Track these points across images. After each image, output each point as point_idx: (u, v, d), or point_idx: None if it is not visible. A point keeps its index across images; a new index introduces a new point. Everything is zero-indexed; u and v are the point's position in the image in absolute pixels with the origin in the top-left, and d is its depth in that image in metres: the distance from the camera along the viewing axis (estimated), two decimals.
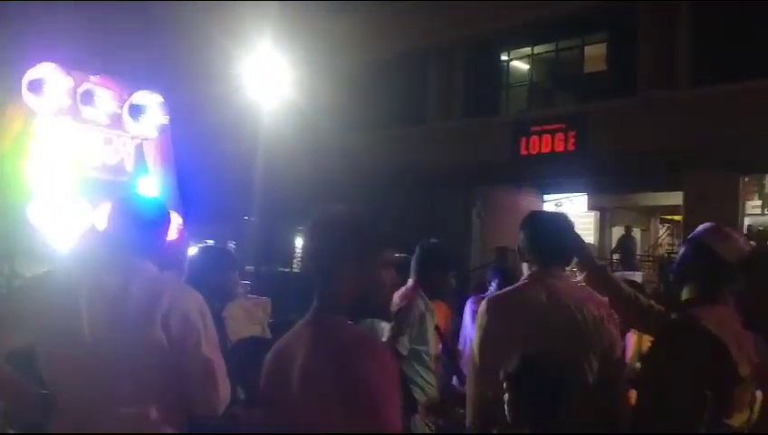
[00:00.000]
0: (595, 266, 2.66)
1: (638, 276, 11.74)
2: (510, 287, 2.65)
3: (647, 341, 3.04)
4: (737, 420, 2.25)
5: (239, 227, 20.19)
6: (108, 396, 2.31)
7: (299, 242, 21.30)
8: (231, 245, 20.20)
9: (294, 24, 16.69)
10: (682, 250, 2.60)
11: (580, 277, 2.67)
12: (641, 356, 2.54)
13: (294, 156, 17.66)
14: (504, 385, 2.29)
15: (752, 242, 13.24)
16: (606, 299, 2.57)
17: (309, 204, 17.48)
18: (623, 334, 2.95)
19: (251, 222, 18.64)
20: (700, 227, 2.58)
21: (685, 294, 2.47)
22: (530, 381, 2.27)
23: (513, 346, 2.36)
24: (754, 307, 2.12)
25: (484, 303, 2.69)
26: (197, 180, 13.04)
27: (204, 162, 16.51)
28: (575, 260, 2.73)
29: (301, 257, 20.96)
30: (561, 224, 2.73)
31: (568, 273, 2.69)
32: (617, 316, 2.61)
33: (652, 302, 2.76)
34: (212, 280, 3.23)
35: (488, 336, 2.59)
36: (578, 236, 2.78)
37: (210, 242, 18.99)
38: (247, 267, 13.46)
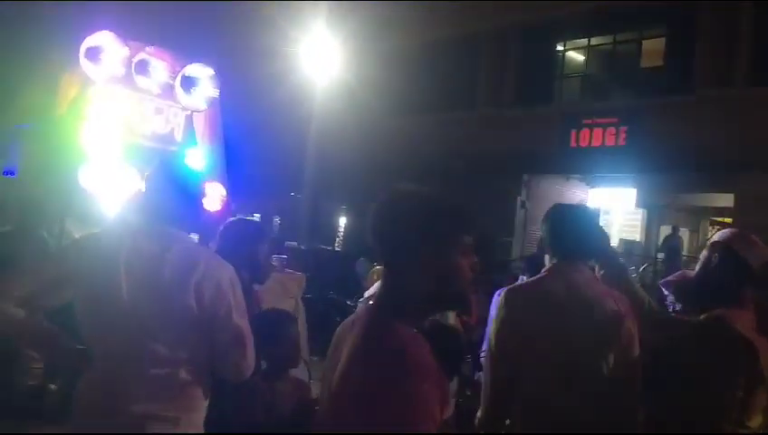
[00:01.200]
0: (615, 264, 2.65)
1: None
2: (530, 279, 2.64)
3: None
4: (755, 422, 2.26)
5: (285, 203, 20.45)
6: (140, 356, 2.41)
7: (343, 221, 21.47)
8: (276, 220, 20.49)
9: (349, 4, 16.72)
10: (705, 254, 2.58)
11: (599, 273, 2.65)
12: (654, 356, 2.51)
13: (344, 136, 17.78)
14: None
15: None
16: (626, 297, 2.54)
17: (355, 184, 17.74)
18: None
19: (297, 199, 18.84)
20: (726, 232, 2.56)
21: (707, 298, 2.47)
22: None
23: (529, 337, 2.38)
24: None
25: (503, 293, 2.67)
26: (247, 155, 13.27)
27: (254, 138, 16.76)
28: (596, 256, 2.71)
29: (342, 236, 21.17)
30: (584, 218, 2.69)
31: (589, 267, 2.65)
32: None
33: (665, 312, 2.74)
34: (242, 252, 3.25)
35: (505, 326, 2.58)
36: (602, 232, 2.76)
37: (256, 216, 19.33)
38: (289, 243, 13.64)
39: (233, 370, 2.61)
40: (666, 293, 3.34)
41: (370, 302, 1.72)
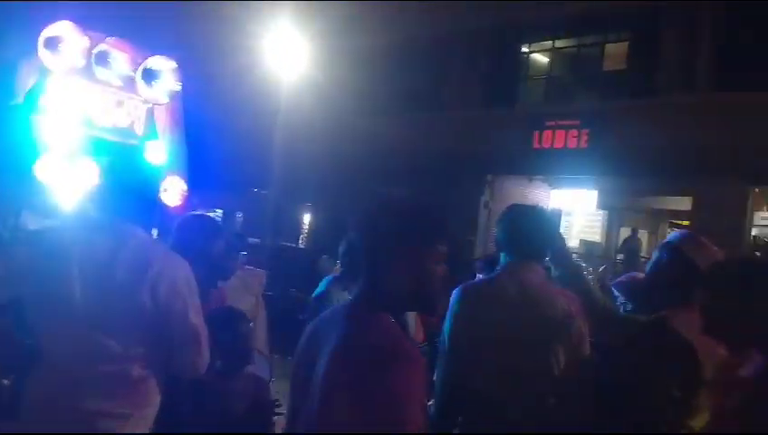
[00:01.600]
0: (569, 265, 2.69)
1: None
2: (484, 277, 2.67)
3: None
4: (699, 421, 2.30)
5: (249, 198, 20.29)
6: (91, 352, 2.37)
7: (307, 218, 21.40)
8: (238, 215, 20.32)
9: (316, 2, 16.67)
10: (656, 255, 2.63)
11: (554, 273, 2.69)
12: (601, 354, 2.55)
13: (310, 133, 17.71)
14: None
15: (757, 253, 13.27)
16: (578, 296, 2.58)
17: (321, 181, 17.61)
18: None
19: (261, 195, 18.70)
20: (676, 234, 2.61)
21: (656, 298, 2.51)
22: None
23: (481, 333, 2.40)
24: (714, 315, 2.16)
25: (457, 290, 2.72)
26: (210, 150, 13.13)
27: (218, 133, 16.60)
28: (550, 256, 2.75)
29: (306, 234, 21.10)
30: (538, 219, 2.74)
31: (543, 268, 2.70)
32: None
33: (620, 312, 2.78)
34: (197, 248, 3.24)
35: (459, 322, 2.62)
36: (557, 233, 2.80)
37: (218, 211, 19.16)
38: (252, 239, 13.54)
39: (188, 367, 2.59)
40: (616, 294, 3.40)
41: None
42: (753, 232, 14.58)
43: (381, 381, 1.58)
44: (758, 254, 12.94)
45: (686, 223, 16.73)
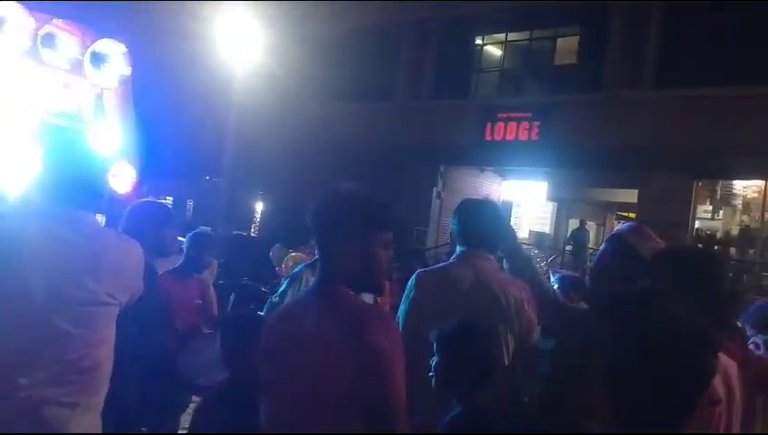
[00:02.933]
0: (520, 257, 2.77)
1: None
2: (439, 265, 2.75)
3: None
4: None
5: (201, 186, 20.05)
6: (42, 340, 2.33)
7: (259, 206, 21.23)
8: (189, 203, 20.05)
9: None
10: (603, 247, 2.71)
11: (506, 265, 2.76)
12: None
13: (263, 120, 17.57)
14: (435, 347, 2.37)
15: (699, 245, 13.69)
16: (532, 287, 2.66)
17: (274, 169, 17.41)
18: None
19: (213, 182, 18.50)
20: (624, 226, 2.70)
21: (603, 290, 2.59)
22: (465, 346, 2.34)
23: (437, 319, 2.45)
24: None
25: (413, 277, 2.79)
26: (161, 136, 12.93)
27: (170, 119, 16.34)
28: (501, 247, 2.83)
29: (259, 222, 20.95)
30: (491, 211, 2.84)
31: (495, 258, 2.79)
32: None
33: (568, 303, 2.87)
34: (148, 234, 3.22)
35: (414, 307, 2.70)
36: (508, 225, 2.89)
37: (169, 199, 18.80)
38: (203, 227, 13.39)
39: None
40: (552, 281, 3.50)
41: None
42: (696, 224, 15.04)
43: (368, 338, 1.77)
44: (700, 245, 13.33)
45: (632, 215, 17.16)
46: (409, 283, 2.81)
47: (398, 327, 1.94)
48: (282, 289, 4.70)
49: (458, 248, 2.82)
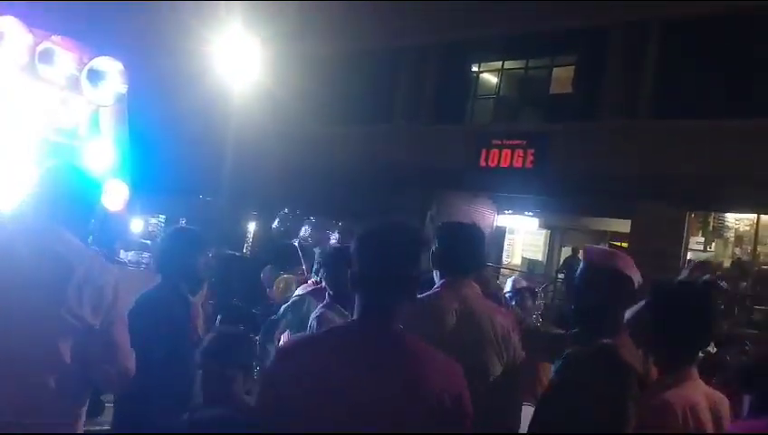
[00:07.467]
0: (484, 281, 2.79)
1: None
2: (425, 293, 2.72)
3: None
4: None
5: (194, 205, 19.99)
6: (9, 361, 2.29)
7: (252, 227, 21.15)
8: (182, 222, 19.99)
9: (268, 6, 16.61)
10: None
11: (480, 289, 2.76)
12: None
13: (259, 140, 17.58)
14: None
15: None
16: (512, 312, 2.68)
17: (268, 190, 17.34)
18: None
19: (207, 202, 18.46)
20: (600, 253, 2.74)
21: (581, 306, 2.61)
22: None
23: None
24: (640, 332, 2.25)
25: None
26: (156, 154, 12.92)
27: (165, 137, 16.35)
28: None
29: (251, 243, 20.86)
30: (473, 235, 2.84)
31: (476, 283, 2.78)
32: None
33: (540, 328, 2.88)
34: (182, 263, 3.23)
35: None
36: (483, 249, 2.90)
37: (162, 217, 18.71)
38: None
39: (102, 380, 2.51)
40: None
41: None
42: (689, 256, 15.05)
43: (452, 390, 1.91)
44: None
45: (624, 244, 17.16)
46: None
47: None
48: (281, 313, 4.67)
49: (440, 274, 2.79)
